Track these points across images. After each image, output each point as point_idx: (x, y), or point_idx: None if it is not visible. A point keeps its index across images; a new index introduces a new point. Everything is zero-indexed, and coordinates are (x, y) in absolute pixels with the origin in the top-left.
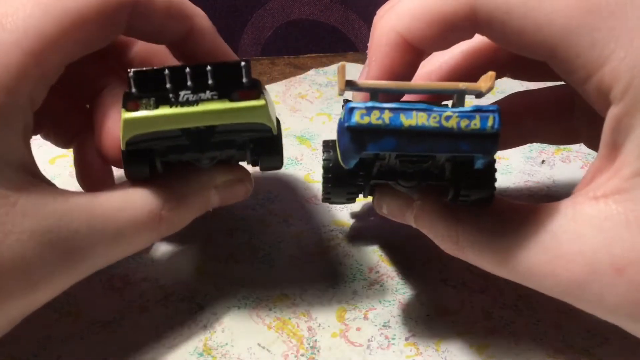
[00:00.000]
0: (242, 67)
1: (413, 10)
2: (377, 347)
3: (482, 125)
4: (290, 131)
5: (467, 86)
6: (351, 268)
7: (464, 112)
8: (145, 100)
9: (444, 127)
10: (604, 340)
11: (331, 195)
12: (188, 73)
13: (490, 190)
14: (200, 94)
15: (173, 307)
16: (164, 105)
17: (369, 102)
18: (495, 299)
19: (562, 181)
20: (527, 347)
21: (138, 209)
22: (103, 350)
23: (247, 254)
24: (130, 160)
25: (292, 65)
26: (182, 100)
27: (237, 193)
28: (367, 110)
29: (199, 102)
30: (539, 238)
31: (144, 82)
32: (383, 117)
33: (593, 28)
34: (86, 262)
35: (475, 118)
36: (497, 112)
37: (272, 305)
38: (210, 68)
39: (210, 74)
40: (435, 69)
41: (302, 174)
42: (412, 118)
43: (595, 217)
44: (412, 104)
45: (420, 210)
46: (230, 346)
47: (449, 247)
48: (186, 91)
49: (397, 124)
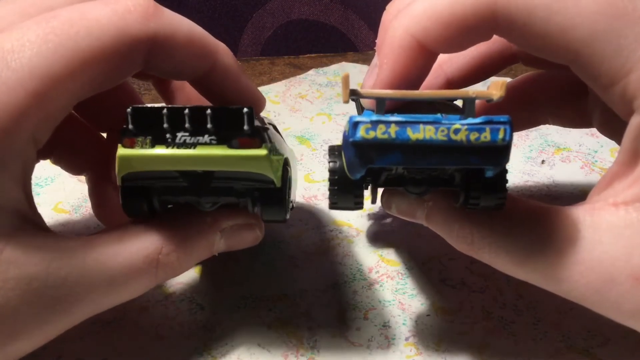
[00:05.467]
0: (244, 114)
1: (429, 12)
2: (377, 347)
3: (492, 137)
4: (290, 131)
5: (477, 93)
6: (351, 268)
7: (473, 125)
8: (142, 138)
9: (452, 141)
10: (604, 340)
11: (338, 202)
12: (186, 114)
13: (501, 197)
14: (198, 137)
15: (173, 307)
16: (160, 145)
17: (374, 115)
18: (495, 299)
19: (562, 181)
20: (527, 347)
21: (134, 253)
22: (103, 350)
23: (247, 254)
24: (127, 196)
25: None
26: (179, 141)
27: (246, 239)
28: (373, 124)
29: (196, 146)
30: (556, 243)
31: (141, 119)
32: (389, 131)
33: (619, 34)
34: (75, 310)
35: (486, 131)
36: (508, 124)
37: (272, 305)
38: (209, 112)
39: (209, 118)
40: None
41: (302, 174)
42: (419, 132)
43: (614, 225)
44: (419, 117)
45: (432, 210)
46: (230, 346)
47: (463, 247)
48: (184, 133)
49: (404, 138)
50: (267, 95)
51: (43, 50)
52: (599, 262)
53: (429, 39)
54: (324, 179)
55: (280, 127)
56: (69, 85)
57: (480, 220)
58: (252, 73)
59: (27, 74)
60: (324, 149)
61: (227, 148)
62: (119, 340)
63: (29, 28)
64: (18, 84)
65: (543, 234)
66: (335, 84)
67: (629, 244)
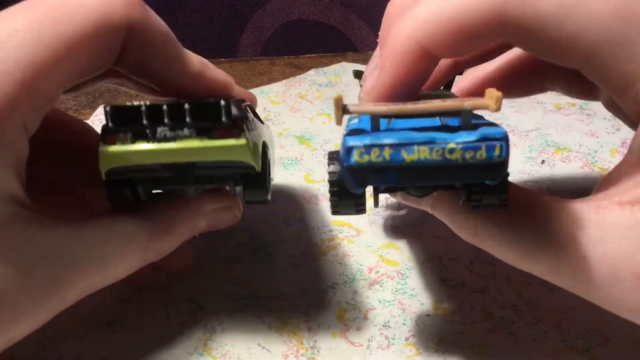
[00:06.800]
0: (221, 107)
1: (434, 18)
2: (377, 347)
3: (488, 155)
4: (290, 131)
5: (472, 105)
6: (351, 268)
7: (468, 143)
8: (123, 135)
9: (447, 160)
10: (604, 340)
11: (340, 208)
12: (165, 111)
13: (503, 197)
14: (177, 130)
15: (173, 307)
16: (141, 140)
17: (366, 138)
18: (495, 299)
19: (562, 181)
20: (527, 347)
21: (124, 238)
22: (103, 350)
23: (247, 254)
24: (111, 188)
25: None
26: (160, 136)
27: (225, 219)
28: (366, 148)
29: (177, 139)
30: (560, 239)
31: (120, 117)
32: (383, 154)
33: (631, 40)
34: (69, 293)
35: (481, 149)
36: (504, 140)
37: (272, 305)
38: (188, 107)
39: (187, 112)
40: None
41: (302, 174)
42: (414, 153)
43: (620, 224)
44: (413, 137)
45: (436, 199)
46: (230, 346)
47: (467, 237)
48: (163, 127)
49: (398, 160)
50: (267, 95)
51: (28, 39)
52: (603, 260)
53: (434, 46)
54: (324, 179)
55: (280, 127)
56: (56, 72)
57: (485, 211)
58: (252, 73)
59: (14, 64)
60: (324, 149)
61: (207, 140)
62: (119, 340)
63: (14, 16)
64: (7, 73)
65: (547, 230)
66: (335, 84)
67: (634, 243)
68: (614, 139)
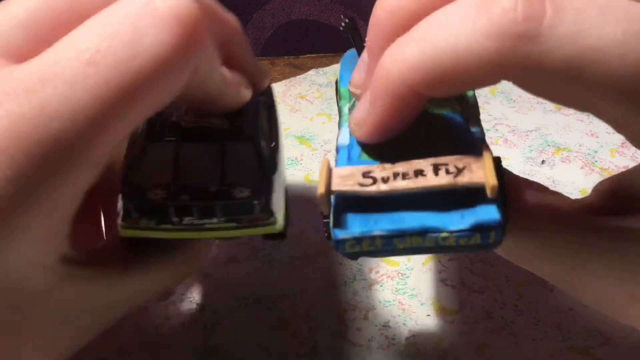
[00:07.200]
0: (254, 205)
1: (427, 64)
2: (377, 347)
3: (482, 241)
4: (290, 131)
5: (467, 182)
6: (351, 268)
7: (462, 232)
8: (146, 222)
9: (441, 245)
10: (604, 340)
11: None
12: (195, 209)
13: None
14: (205, 220)
15: (173, 307)
16: (165, 224)
17: (356, 231)
18: (495, 299)
19: (562, 181)
20: (527, 347)
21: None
22: (103, 350)
23: (247, 254)
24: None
25: (292, 65)
26: (187, 223)
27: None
28: (357, 240)
29: (204, 228)
30: None
31: (145, 208)
32: (375, 244)
33: None
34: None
35: (475, 236)
36: (499, 227)
37: (272, 305)
38: (219, 207)
39: (219, 209)
40: None
41: (302, 174)
42: (406, 242)
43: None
44: (404, 228)
45: None
46: (230, 346)
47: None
48: (191, 217)
49: (390, 248)
50: None
51: None
52: None
53: (427, 90)
54: None
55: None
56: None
57: None
58: None
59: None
60: (324, 149)
61: (238, 229)
62: (119, 340)
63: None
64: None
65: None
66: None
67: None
68: (614, 139)
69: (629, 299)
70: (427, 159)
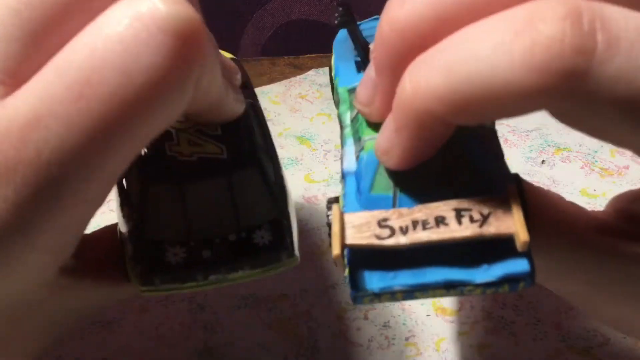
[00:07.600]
0: (281, 257)
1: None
2: (377, 347)
3: (510, 289)
4: (290, 131)
5: (494, 233)
6: None
7: (489, 284)
8: (169, 285)
9: (466, 295)
10: (604, 340)
11: None
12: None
13: None
14: (232, 273)
15: (173, 307)
16: (190, 282)
17: (376, 288)
18: (495, 299)
19: (562, 181)
20: (527, 347)
21: None
22: (103, 350)
23: None
24: None
25: (292, 65)
26: (211, 278)
27: None
28: (376, 295)
29: (229, 277)
30: None
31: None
32: (395, 297)
33: None
34: None
35: (504, 287)
36: (529, 277)
37: (272, 305)
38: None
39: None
40: None
41: (302, 174)
42: (428, 294)
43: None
44: (427, 281)
45: None
46: (230, 346)
47: None
48: (217, 275)
49: (411, 298)
50: (267, 95)
51: None
52: None
53: (456, 120)
54: (324, 179)
55: (281, 127)
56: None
57: None
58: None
59: None
60: (324, 149)
61: (264, 272)
62: (119, 340)
63: None
64: None
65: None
66: None
67: None
68: None
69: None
70: (447, 202)
